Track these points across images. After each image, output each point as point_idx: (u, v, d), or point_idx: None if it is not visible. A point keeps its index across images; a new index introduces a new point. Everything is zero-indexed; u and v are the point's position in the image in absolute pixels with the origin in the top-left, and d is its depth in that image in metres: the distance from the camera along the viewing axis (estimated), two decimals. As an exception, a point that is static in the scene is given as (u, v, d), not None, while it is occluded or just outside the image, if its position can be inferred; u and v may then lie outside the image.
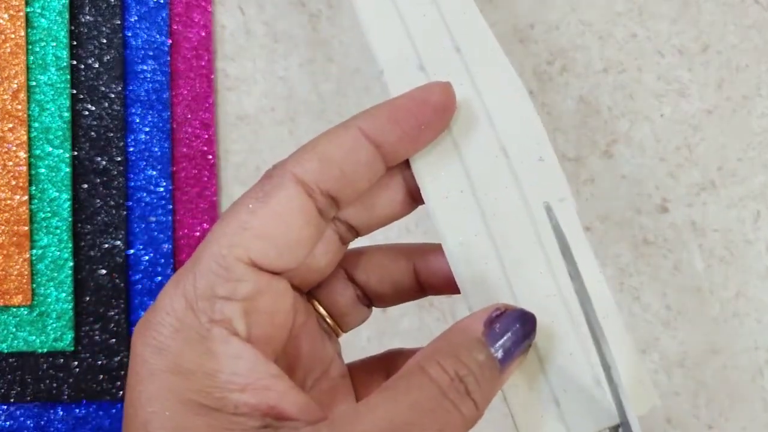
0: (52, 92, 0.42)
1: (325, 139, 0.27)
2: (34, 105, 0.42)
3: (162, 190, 0.43)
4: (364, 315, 0.32)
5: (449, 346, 0.25)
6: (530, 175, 0.29)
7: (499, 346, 0.26)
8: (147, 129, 0.43)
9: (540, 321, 0.27)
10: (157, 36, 0.43)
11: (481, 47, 0.30)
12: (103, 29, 0.43)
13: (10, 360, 0.42)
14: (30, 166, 0.42)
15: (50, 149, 0.42)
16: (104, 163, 0.43)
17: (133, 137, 0.43)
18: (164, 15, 0.44)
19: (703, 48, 0.44)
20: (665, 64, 0.44)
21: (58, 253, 0.42)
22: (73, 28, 0.43)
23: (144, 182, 0.43)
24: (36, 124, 0.42)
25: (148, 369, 0.25)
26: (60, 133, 0.42)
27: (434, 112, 0.28)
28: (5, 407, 0.43)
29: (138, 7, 0.43)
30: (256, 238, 0.26)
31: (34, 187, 0.42)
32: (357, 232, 0.29)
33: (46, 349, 0.42)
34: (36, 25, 0.43)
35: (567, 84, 0.44)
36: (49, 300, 0.42)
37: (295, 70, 0.44)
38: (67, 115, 0.42)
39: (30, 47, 0.42)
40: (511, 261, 0.28)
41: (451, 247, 0.29)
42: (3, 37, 0.42)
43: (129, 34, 0.43)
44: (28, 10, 0.43)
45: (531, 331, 0.27)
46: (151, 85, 0.43)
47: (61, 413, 0.43)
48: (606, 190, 0.44)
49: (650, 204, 0.44)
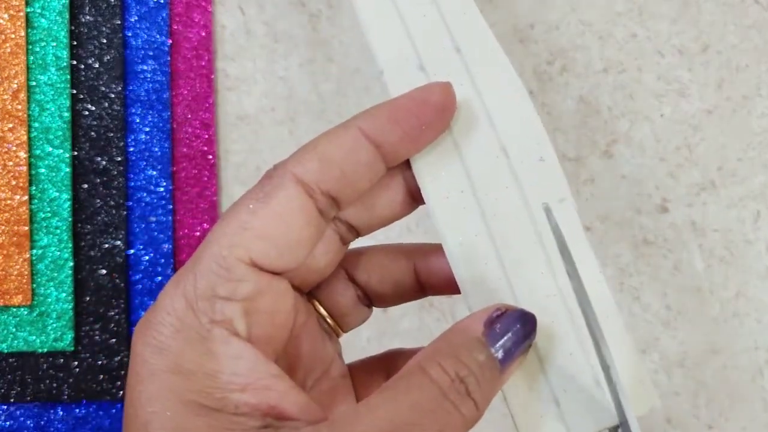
0: (52, 92, 0.42)
1: (326, 139, 0.27)
2: (34, 105, 0.42)
3: (162, 190, 0.43)
4: (364, 315, 0.32)
5: (449, 347, 0.25)
6: (531, 175, 0.29)
7: (499, 347, 0.26)
8: (147, 129, 0.43)
9: (540, 321, 0.27)
10: (157, 36, 0.43)
11: (481, 47, 0.30)
12: (103, 29, 0.43)
13: (10, 360, 0.42)
14: (30, 166, 0.42)
15: (50, 149, 0.42)
16: (104, 163, 0.43)
17: (133, 137, 0.43)
18: (164, 15, 0.44)
19: (703, 48, 0.44)
20: (665, 64, 0.44)
21: (58, 253, 0.42)
22: (73, 28, 0.43)
23: (144, 182, 0.43)
24: (36, 124, 0.42)
25: (148, 369, 0.25)
26: (60, 133, 0.42)
27: (434, 112, 0.28)
28: (5, 407, 0.43)
29: (138, 7, 0.43)
30: (257, 238, 0.26)
31: (34, 187, 0.42)
32: (357, 232, 0.29)
33: (46, 349, 0.42)
34: (36, 25, 0.43)
35: (567, 84, 0.44)
36: (49, 300, 0.42)
37: (295, 70, 0.44)
38: (67, 115, 0.42)
39: (30, 47, 0.42)
40: (511, 261, 0.28)
41: (452, 247, 0.29)
42: (3, 37, 0.42)
43: (129, 34, 0.43)
44: (28, 10, 0.43)
45: (531, 332, 0.27)
46: (151, 85, 0.43)
47: (61, 413, 0.43)
48: (606, 190, 0.44)
49: (650, 204, 0.44)
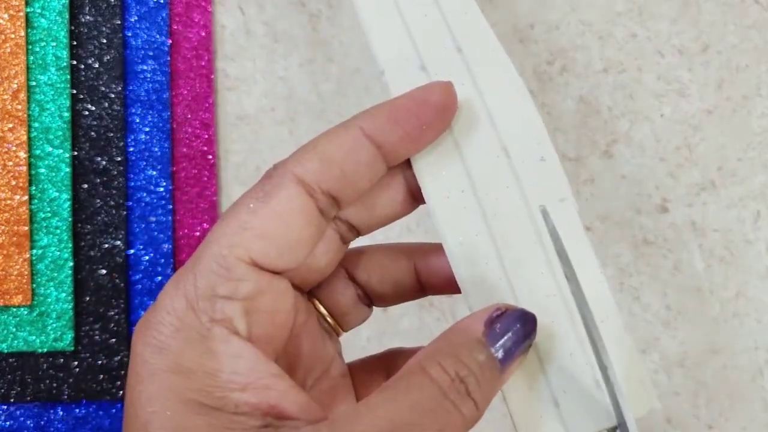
0: (52, 92, 0.42)
1: (326, 139, 0.27)
2: (34, 105, 0.42)
3: (162, 190, 0.43)
4: (364, 314, 0.32)
5: (450, 347, 0.25)
6: (531, 175, 0.29)
7: (499, 346, 0.26)
8: (147, 129, 0.43)
9: (540, 321, 0.27)
10: (157, 36, 0.43)
11: (482, 47, 0.30)
12: (103, 29, 0.43)
13: (10, 360, 0.42)
14: (30, 166, 0.42)
15: (50, 149, 0.42)
16: (104, 163, 0.43)
17: (133, 137, 0.43)
18: (164, 15, 0.44)
19: (703, 48, 0.44)
20: (665, 64, 0.44)
21: (58, 253, 0.42)
22: (73, 28, 0.43)
23: (144, 182, 0.43)
24: (36, 124, 0.42)
25: (148, 369, 0.25)
26: (60, 133, 0.42)
27: (435, 112, 0.28)
28: (5, 407, 0.43)
29: (138, 7, 0.43)
30: (257, 237, 0.26)
31: (34, 187, 0.42)
32: (358, 232, 0.29)
33: (46, 349, 0.42)
34: (36, 25, 0.43)
35: (567, 84, 0.44)
36: (49, 300, 0.42)
37: (295, 70, 0.44)
38: (67, 115, 0.42)
39: (30, 47, 0.42)
40: (511, 261, 0.28)
41: (452, 247, 0.29)
42: (3, 37, 0.42)
43: (129, 34, 0.43)
44: (28, 10, 0.43)
45: (531, 331, 0.27)
46: (151, 85, 0.43)
47: (61, 413, 0.43)
48: (606, 190, 0.44)
49: (650, 204, 0.44)
